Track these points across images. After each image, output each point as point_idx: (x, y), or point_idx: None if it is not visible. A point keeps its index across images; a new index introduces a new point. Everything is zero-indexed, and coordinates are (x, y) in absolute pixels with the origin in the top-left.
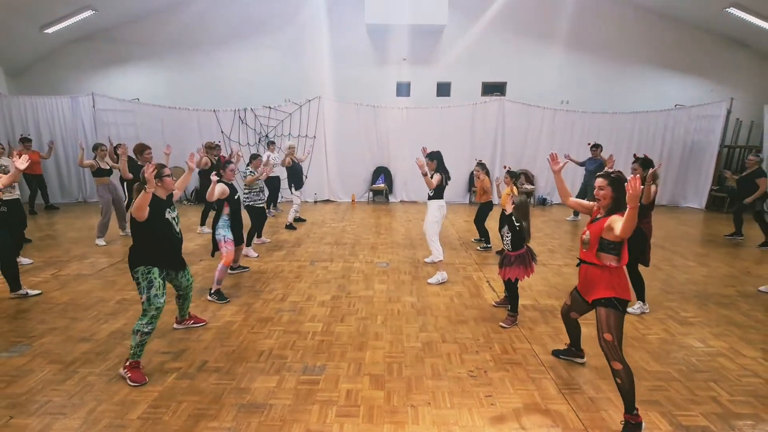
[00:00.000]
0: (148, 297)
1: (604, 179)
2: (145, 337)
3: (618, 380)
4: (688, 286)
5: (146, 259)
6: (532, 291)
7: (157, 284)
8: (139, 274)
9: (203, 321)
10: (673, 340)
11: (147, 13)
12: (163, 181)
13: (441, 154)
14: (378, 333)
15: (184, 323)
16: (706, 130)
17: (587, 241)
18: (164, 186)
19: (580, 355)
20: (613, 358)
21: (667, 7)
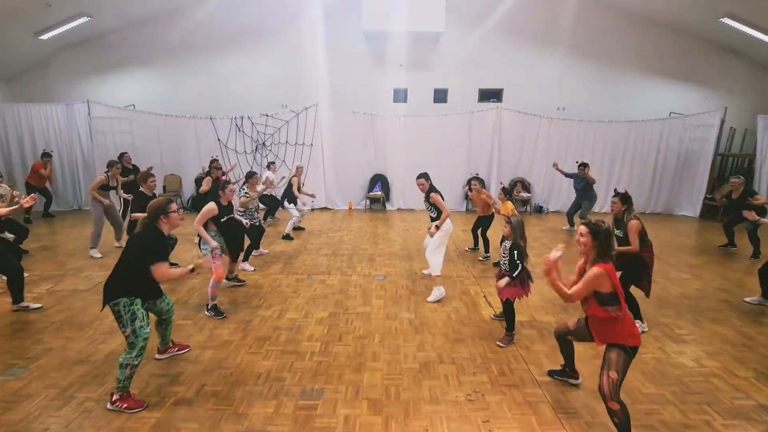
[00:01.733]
0: (133, 330)
1: (586, 227)
2: (134, 369)
3: (615, 420)
4: (682, 301)
5: (130, 291)
6: (529, 307)
7: (140, 315)
8: (121, 306)
9: (187, 347)
10: (668, 360)
11: (143, 19)
12: (169, 217)
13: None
14: (376, 353)
15: (168, 352)
16: (700, 138)
17: (586, 300)
18: (170, 222)
19: (575, 376)
20: (611, 399)
21: (663, 17)
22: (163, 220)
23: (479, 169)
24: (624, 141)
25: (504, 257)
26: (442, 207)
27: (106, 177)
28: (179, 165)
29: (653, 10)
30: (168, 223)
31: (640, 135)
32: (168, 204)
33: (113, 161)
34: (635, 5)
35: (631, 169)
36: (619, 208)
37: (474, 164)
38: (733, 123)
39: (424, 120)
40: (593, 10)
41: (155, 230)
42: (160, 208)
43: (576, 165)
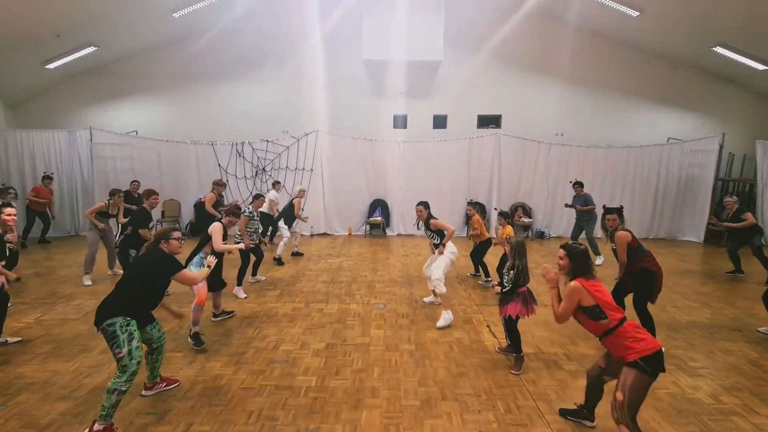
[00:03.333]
0: (129, 350)
1: (563, 249)
2: (121, 396)
3: None
4: (692, 330)
5: (126, 312)
6: (534, 337)
7: (137, 336)
8: (117, 327)
9: (176, 381)
10: (683, 395)
11: (148, 48)
12: (170, 243)
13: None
14: (375, 388)
15: (156, 387)
16: (700, 164)
17: (581, 319)
18: (169, 247)
19: (591, 418)
20: (619, 421)
21: (656, 46)
22: (163, 245)
23: (479, 194)
24: (623, 166)
25: (506, 274)
26: (444, 227)
27: (107, 204)
28: (179, 190)
29: (646, 40)
30: (168, 248)
31: (639, 160)
32: (171, 231)
33: (116, 190)
34: (627, 35)
35: (632, 194)
36: (616, 224)
37: (474, 189)
38: (731, 148)
39: (423, 146)
40: (586, 39)
41: (160, 250)
42: (163, 234)
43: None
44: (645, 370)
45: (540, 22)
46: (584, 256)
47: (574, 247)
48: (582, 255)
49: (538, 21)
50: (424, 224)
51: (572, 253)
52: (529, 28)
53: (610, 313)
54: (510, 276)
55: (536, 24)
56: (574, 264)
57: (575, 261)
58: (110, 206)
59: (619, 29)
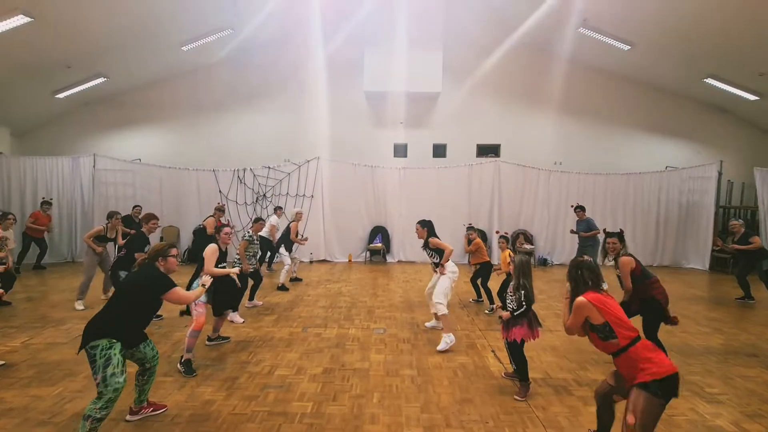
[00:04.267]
0: (104, 377)
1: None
2: (97, 423)
3: None
4: (707, 356)
5: (113, 333)
6: (542, 363)
7: (115, 361)
8: (98, 350)
9: (163, 407)
10: (704, 423)
11: (155, 80)
12: (167, 260)
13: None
14: (374, 415)
15: (142, 412)
16: (699, 191)
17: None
18: (166, 265)
19: None
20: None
21: (649, 78)
22: (161, 262)
23: (480, 221)
24: (623, 193)
25: (511, 296)
26: (443, 246)
27: (104, 228)
28: (179, 216)
29: (638, 73)
30: (164, 266)
31: (639, 187)
32: (169, 248)
33: (113, 212)
34: (619, 68)
35: (633, 221)
36: (617, 248)
37: (474, 216)
38: (729, 176)
39: (423, 172)
40: (580, 72)
41: (154, 267)
42: (160, 250)
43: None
44: (656, 393)
45: (535, 56)
46: (589, 269)
47: (579, 260)
48: (588, 267)
49: (533, 55)
50: (424, 243)
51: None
52: (524, 62)
53: (621, 332)
54: (517, 296)
55: (532, 57)
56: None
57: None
58: (108, 230)
59: (611, 62)
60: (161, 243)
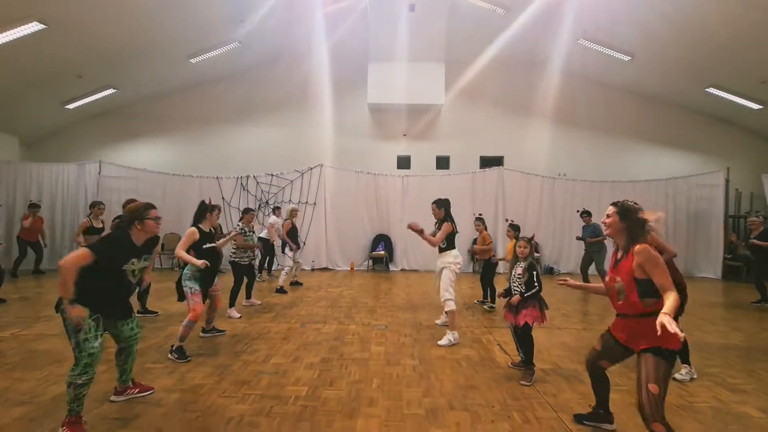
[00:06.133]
0: (77, 342)
1: (614, 206)
2: (80, 389)
3: None
4: (728, 352)
5: (78, 298)
6: (551, 355)
7: (87, 326)
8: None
9: (150, 388)
10: (727, 409)
11: (164, 92)
12: (144, 224)
13: (449, 202)
14: (373, 398)
15: (127, 393)
16: (707, 198)
17: (621, 289)
18: (144, 229)
19: (609, 420)
20: (653, 419)
21: (651, 89)
22: (137, 227)
23: None
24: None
25: (519, 278)
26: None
27: (89, 220)
28: (181, 224)
29: (640, 84)
30: (143, 230)
31: (646, 195)
32: (146, 210)
33: (95, 202)
34: (621, 79)
35: None
36: None
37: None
38: (737, 185)
39: (427, 180)
40: (582, 83)
41: (122, 233)
42: (137, 212)
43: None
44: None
45: (537, 69)
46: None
47: (625, 203)
48: (636, 213)
49: (535, 67)
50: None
51: (624, 210)
52: (526, 75)
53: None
54: (527, 277)
55: (533, 70)
56: (627, 225)
57: (628, 220)
58: (93, 220)
59: (612, 74)
60: (138, 203)
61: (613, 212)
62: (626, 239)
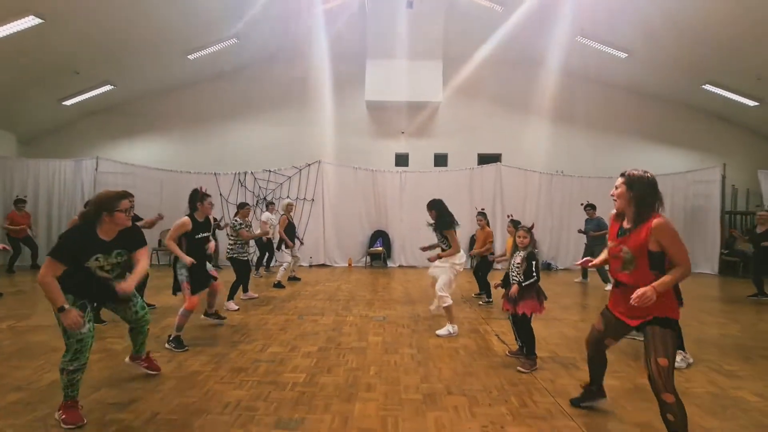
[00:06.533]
0: (63, 328)
1: (621, 177)
2: (73, 375)
3: (669, 416)
4: (724, 340)
5: (71, 290)
6: (549, 344)
7: None
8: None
9: (157, 369)
10: (725, 394)
11: (162, 89)
12: (114, 216)
13: (442, 202)
14: (371, 384)
15: (136, 361)
16: (704, 194)
17: (630, 260)
18: (114, 222)
19: (602, 394)
20: (665, 389)
21: (649, 86)
22: (106, 219)
23: None
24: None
25: (518, 268)
26: (452, 241)
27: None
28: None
29: (637, 81)
30: (111, 222)
31: None
32: (117, 200)
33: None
34: (617, 77)
35: None
36: None
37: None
38: (733, 182)
39: (425, 177)
40: (580, 81)
41: (85, 227)
42: (105, 202)
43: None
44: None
45: (534, 67)
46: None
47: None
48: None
49: (532, 65)
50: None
51: (631, 180)
52: (524, 72)
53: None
54: (526, 267)
55: (531, 68)
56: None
57: (636, 190)
58: None
59: (610, 72)
60: (108, 192)
61: (620, 183)
62: (636, 209)
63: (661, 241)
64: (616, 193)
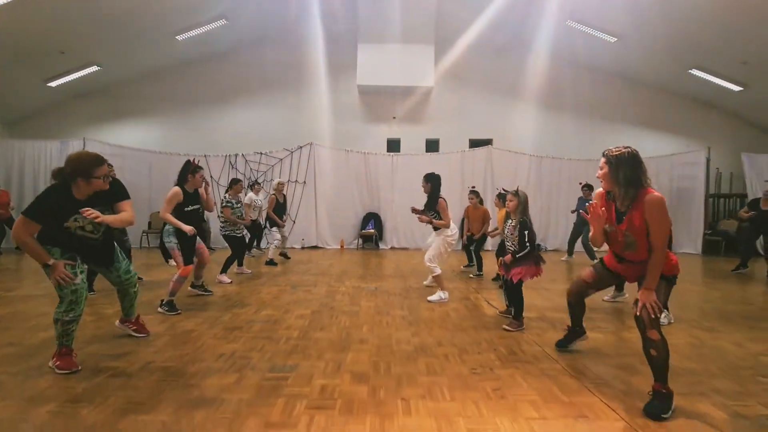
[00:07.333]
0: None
1: (603, 158)
2: (68, 325)
3: (652, 351)
4: (705, 304)
5: (46, 239)
6: (537, 307)
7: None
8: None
9: (145, 333)
10: (704, 344)
11: (150, 71)
12: (91, 183)
13: (439, 179)
14: (363, 338)
15: (125, 325)
16: (689, 176)
17: (632, 242)
18: (90, 187)
19: (583, 331)
20: (651, 327)
21: (637, 73)
22: (81, 183)
23: None
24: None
25: (511, 236)
26: (443, 214)
27: None
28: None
29: (626, 67)
30: (88, 187)
31: None
32: (96, 166)
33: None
34: (607, 62)
35: None
36: None
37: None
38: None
39: (416, 159)
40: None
41: (60, 188)
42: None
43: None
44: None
45: (525, 52)
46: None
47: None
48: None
49: (523, 50)
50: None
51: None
52: (515, 58)
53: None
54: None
55: (521, 53)
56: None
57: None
58: None
59: (599, 56)
60: (84, 155)
61: (603, 163)
62: (623, 189)
63: (648, 217)
64: (600, 174)
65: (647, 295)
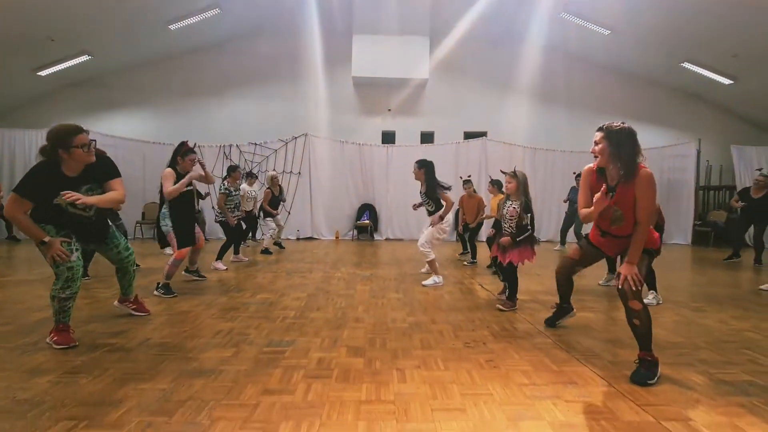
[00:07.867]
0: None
1: (599, 131)
2: (65, 302)
3: (635, 321)
4: (693, 288)
5: (40, 218)
6: (530, 291)
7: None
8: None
9: (146, 311)
10: (690, 322)
11: (142, 61)
12: (71, 153)
13: (432, 165)
14: (359, 318)
15: (124, 304)
16: (680, 168)
17: (619, 217)
18: (72, 158)
19: (571, 308)
20: (633, 298)
21: (630, 64)
22: (63, 156)
23: None
24: None
25: (511, 219)
26: (445, 199)
27: None
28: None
29: (618, 60)
30: (70, 158)
31: None
32: (73, 134)
33: None
34: (600, 56)
35: None
36: None
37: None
38: (707, 158)
39: (411, 151)
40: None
41: (48, 163)
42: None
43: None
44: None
45: (520, 45)
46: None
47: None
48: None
49: (518, 43)
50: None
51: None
52: (510, 50)
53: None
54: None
55: (517, 46)
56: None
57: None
58: None
59: (592, 49)
60: (63, 127)
61: (600, 138)
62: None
63: (638, 192)
64: (596, 149)
65: (629, 268)
